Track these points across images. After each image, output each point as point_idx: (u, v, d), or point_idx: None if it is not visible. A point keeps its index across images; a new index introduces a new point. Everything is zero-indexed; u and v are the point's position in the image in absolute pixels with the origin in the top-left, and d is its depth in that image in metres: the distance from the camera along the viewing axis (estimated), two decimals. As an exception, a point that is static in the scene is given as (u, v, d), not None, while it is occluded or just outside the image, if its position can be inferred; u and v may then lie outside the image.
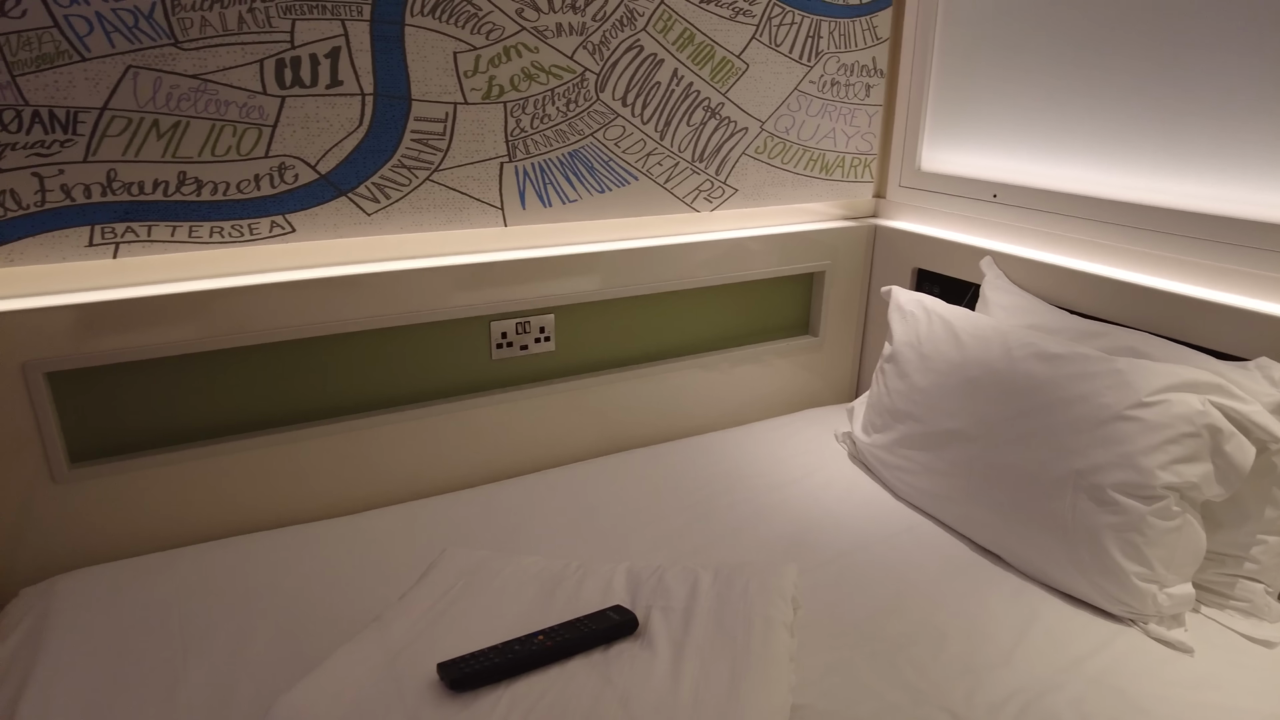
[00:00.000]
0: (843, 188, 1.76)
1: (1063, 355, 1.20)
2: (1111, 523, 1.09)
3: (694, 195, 1.58)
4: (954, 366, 1.32)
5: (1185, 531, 1.08)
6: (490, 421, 1.46)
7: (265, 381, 1.30)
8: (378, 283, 1.30)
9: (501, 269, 1.39)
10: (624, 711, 0.68)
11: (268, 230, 1.26)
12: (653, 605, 0.82)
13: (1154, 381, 1.09)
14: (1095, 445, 1.11)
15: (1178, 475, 1.06)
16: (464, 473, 1.47)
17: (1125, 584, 1.08)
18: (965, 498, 1.27)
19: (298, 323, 1.26)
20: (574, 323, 1.52)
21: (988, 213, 1.59)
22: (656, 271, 1.53)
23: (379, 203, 1.32)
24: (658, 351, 1.64)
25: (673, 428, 1.67)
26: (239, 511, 1.30)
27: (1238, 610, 1.12)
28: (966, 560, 1.24)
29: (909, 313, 1.47)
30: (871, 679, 0.99)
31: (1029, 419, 1.19)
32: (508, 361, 1.48)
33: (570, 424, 1.54)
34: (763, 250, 1.64)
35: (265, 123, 1.22)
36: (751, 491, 1.41)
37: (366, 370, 1.37)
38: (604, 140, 1.46)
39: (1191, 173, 1.29)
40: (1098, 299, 1.37)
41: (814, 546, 1.26)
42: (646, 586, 0.85)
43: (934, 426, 1.33)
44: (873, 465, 1.46)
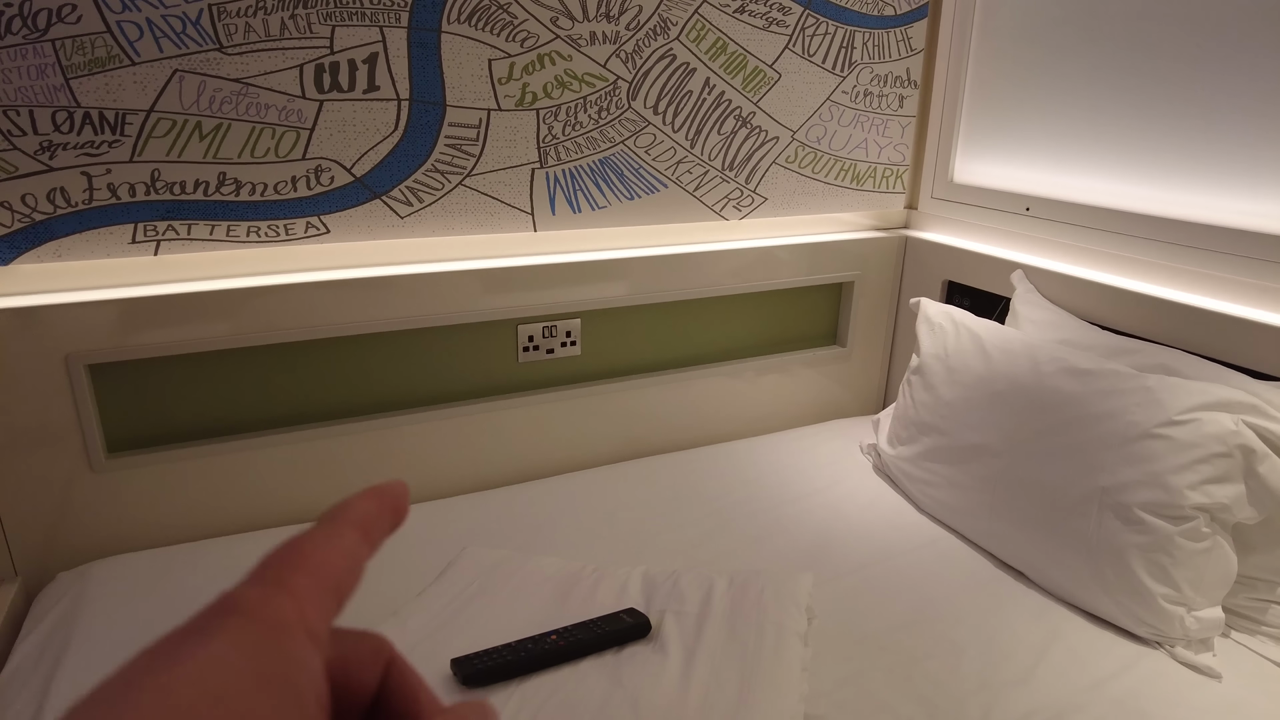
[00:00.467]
0: (874, 198, 1.75)
1: (1091, 371, 1.18)
2: (1138, 542, 1.07)
3: (723, 203, 1.59)
4: (981, 380, 1.31)
5: (1215, 554, 1.05)
6: (516, 423, 1.48)
7: (297, 378, 1.33)
8: (409, 284, 1.32)
9: (530, 273, 1.40)
10: (633, 713, 0.69)
11: (303, 231, 1.29)
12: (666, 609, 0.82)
13: (1184, 400, 1.07)
14: (1122, 463, 1.09)
15: (1208, 496, 1.03)
16: (489, 473, 1.48)
17: (1151, 605, 1.06)
18: (989, 513, 1.25)
19: (330, 322, 1.29)
20: (600, 328, 1.53)
21: (1020, 226, 1.58)
22: (684, 278, 1.54)
23: (412, 206, 1.34)
24: (683, 358, 1.65)
25: (696, 435, 1.67)
26: (269, 505, 1.33)
27: (1270, 636, 1.09)
28: (989, 576, 1.23)
29: (937, 325, 1.45)
30: (885, 692, 0.98)
31: (1055, 435, 1.18)
32: (534, 364, 1.50)
33: (594, 428, 1.55)
34: (791, 259, 1.64)
35: (303, 126, 1.25)
36: (773, 501, 1.41)
37: (396, 370, 1.39)
38: (634, 148, 1.47)
39: (1229, 187, 1.26)
40: (1131, 315, 1.34)
41: (833, 558, 1.25)
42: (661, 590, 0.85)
43: (959, 440, 1.31)
44: (897, 478, 1.45)
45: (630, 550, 1.25)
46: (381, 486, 0.24)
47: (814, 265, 1.67)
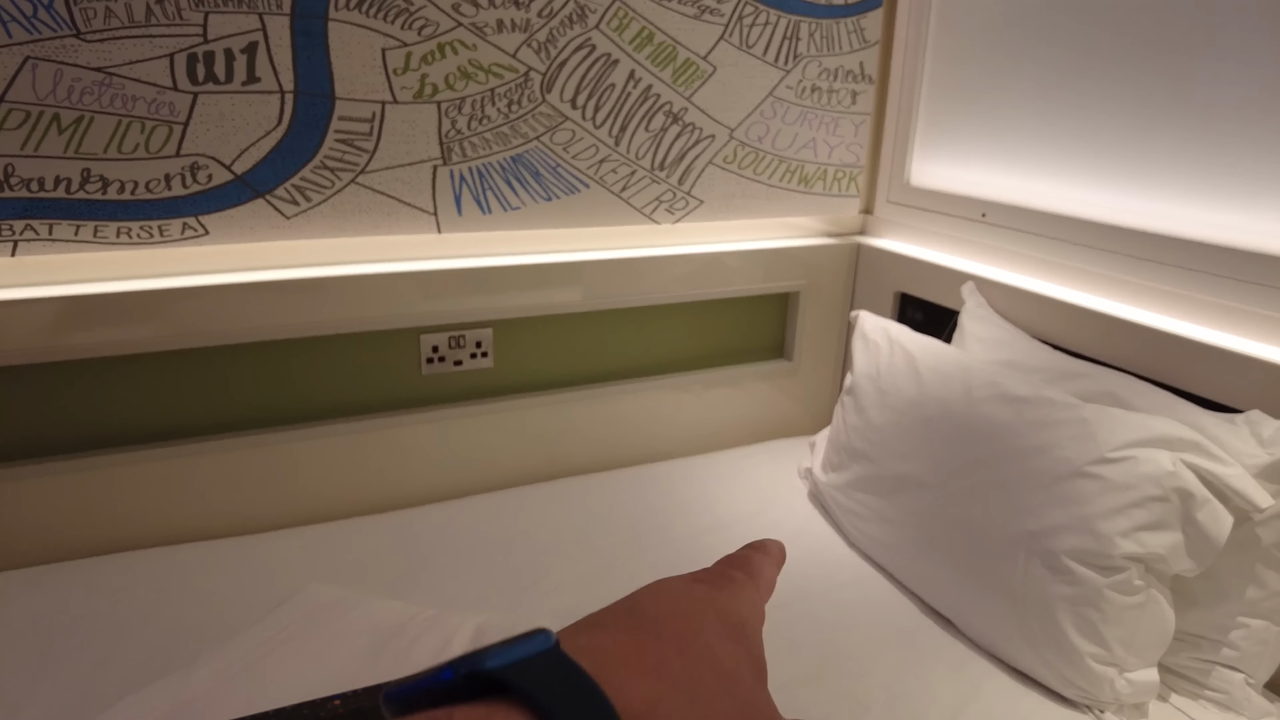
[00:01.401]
0: (825, 202, 1.63)
1: (1026, 399, 1.06)
2: (1066, 594, 0.95)
3: (653, 206, 1.48)
4: (911, 404, 1.19)
5: (1150, 609, 0.93)
6: (418, 441, 1.38)
7: (172, 390, 1.24)
8: (297, 289, 1.23)
9: (433, 278, 1.30)
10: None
11: (179, 232, 1.20)
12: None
13: (1120, 434, 0.95)
14: (1051, 504, 0.97)
15: (1140, 544, 0.91)
16: (386, 495, 1.38)
17: (1079, 665, 0.94)
18: (917, 551, 1.14)
19: (210, 329, 1.19)
20: (515, 339, 1.43)
21: (976, 233, 1.45)
22: (612, 286, 1.43)
23: (299, 205, 1.25)
24: (611, 372, 1.54)
25: (625, 455, 1.56)
26: (129, 526, 1.24)
27: (1213, 702, 0.97)
28: (912, 624, 1.11)
29: (872, 341, 1.34)
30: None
31: (984, 469, 1.06)
32: (440, 377, 1.39)
33: (506, 447, 1.45)
34: (734, 266, 1.52)
35: (176, 120, 1.15)
36: (690, 529, 1.30)
37: (283, 382, 1.30)
38: (551, 144, 1.37)
39: (1200, 197, 1.14)
40: (1084, 334, 1.22)
41: (742, 597, 1.14)
42: (488, 646, 0.75)
43: (888, 469, 1.20)
44: (829, 507, 1.34)
45: (519, 585, 1.15)
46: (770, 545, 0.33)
47: (757, 273, 1.55)
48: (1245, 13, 1.05)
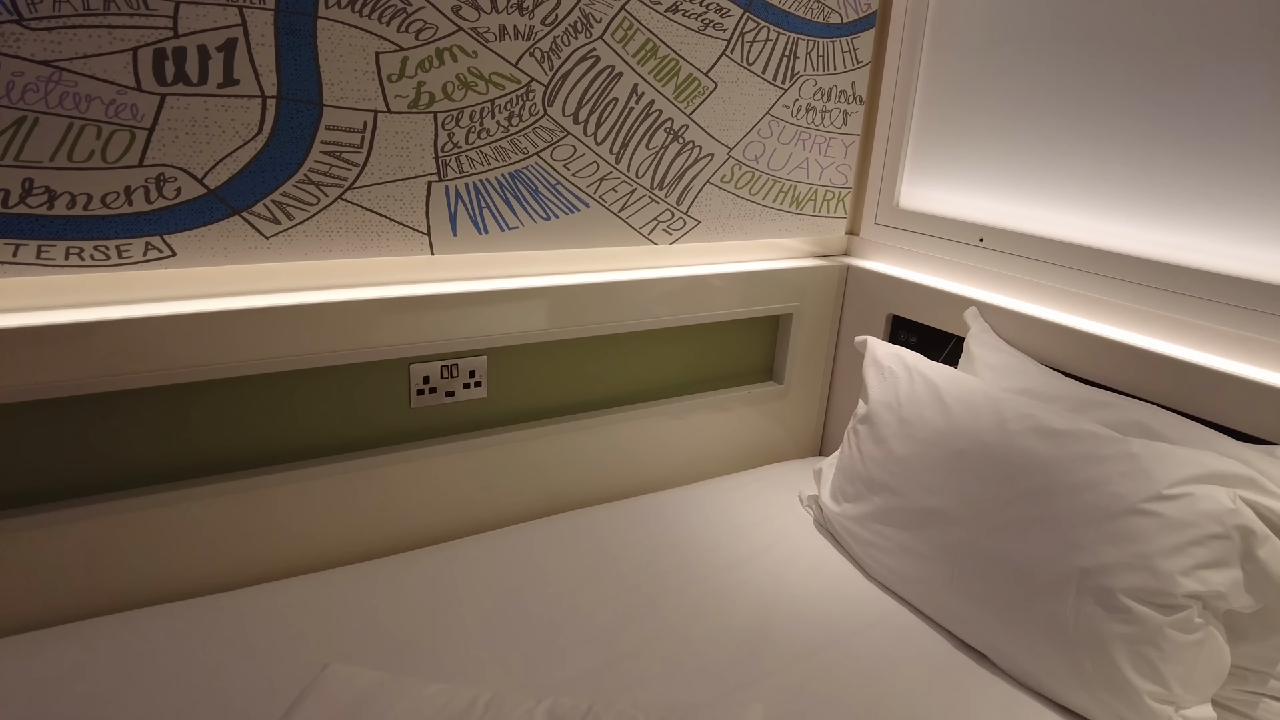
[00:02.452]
0: (814, 223, 1.60)
1: (1068, 432, 1.05)
2: (1123, 633, 0.93)
3: (652, 226, 1.41)
4: (939, 435, 1.17)
5: (1208, 646, 0.93)
6: (408, 480, 1.26)
7: (136, 433, 1.09)
8: (276, 317, 1.10)
9: (425, 304, 1.19)
10: None
11: (141, 253, 1.05)
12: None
13: (1175, 471, 0.95)
14: (1105, 541, 0.96)
15: (1202, 583, 0.91)
16: (375, 540, 1.26)
17: (1137, 704, 0.93)
18: (948, 587, 1.11)
19: (178, 364, 1.05)
20: (510, 366, 1.33)
21: (973, 258, 1.45)
22: (607, 310, 1.35)
23: (280, 224, 1.12)
24: (606, 399, 1.46)
25: (622, 485, 1.48)
26: (82, 593, 1.08)
27: (1259, 734, 0.98)
28: (949, 661, 1.08)
29: (887, 369, 1.31)
30: (847, 831, 0.81)
31: (1026, 504, 1.04)
32: (430, 410, 1.28)
33: (502, 482, 1.35)
34: (725, 289, 1.47)
35: (140, 125, 1.01)
36: (707, 569, 1.24)
37: (259, 421, 1.16)
38: (551, 161, 1.28)
39: (1207, 226, 1.16)
40: (1097, 362, 1.23)
41: (776, 642, 1.08)
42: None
43: (914, 502, 1.17)
44: (842, 538, 1.30)
45: (539, 642, 1.05)
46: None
47: (750, 295, 1.51)
48: (1244, 37, 1.07)
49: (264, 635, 1.02)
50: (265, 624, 1.05)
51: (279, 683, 0.94)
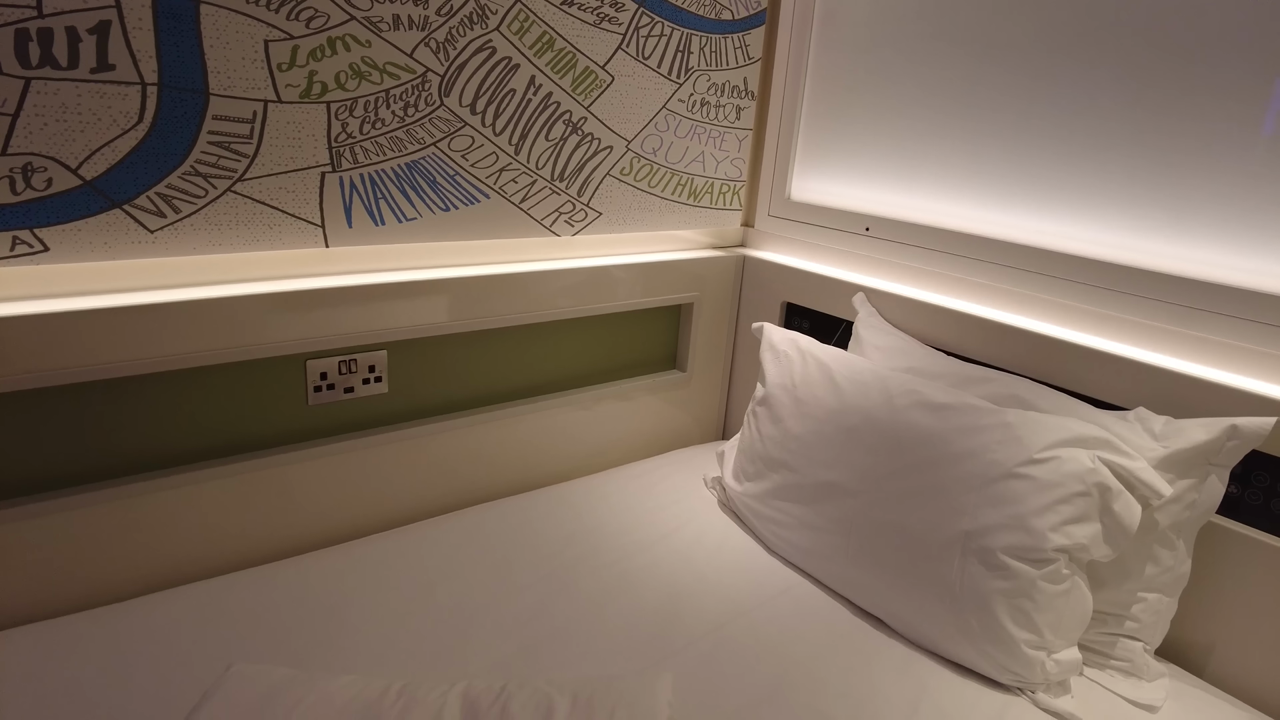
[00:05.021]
0: (711, 215, 1.65)
1: (950, 406, 1.12)
2: (1002, 588, 1.01)
3: (554, 218, 1.42)
4: (831, 413, 1.23)
5: (1074, 595, 1.02)
6: (307, 479, 1.23)
7: (14, 438, 1.02)
8: (162, 314, 1.05)
9: (320, 298, 1.17)
10: None
11: (8, 248, 0.99)
12: (497, 745, 0.65)
13: (1045, 437, 1.03)
14: (985, 505, 1.03)
15: (1068, 537, 0.99)
16: (277, 541, 1.23)
17: (1015, 653, 1.01)
18: (845, 557, 1.17)
19: (55, 365, 0.99)
20: (411, 361, 1.32)
21: (860, 246, 1.53)
22: (510, 302, 1.36)
23: (165, 218, 1.07)
24: (512, 391, 1.46)
25: (529, 477, 1.49)
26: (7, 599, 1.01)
27: (1118, 670, 1.07)
28: (848, 627, 1.14)
29: (782, 353, 1.36)
30: (757, 790, 0.85)
31: (914, 474, 1.10)
32: (329, 407, 1.26)
33: (406, 478, 1.33)
34: (627, 280, 1.50)
35: (1, 110, 0.95)
36: (617, 554, 1.26)
37: (148, 422, 1.11)
38: (449, 151, 1.27)
39: (1072, 214, 1.26)
40: (975, 341, 1.31)
41: (685, 620, 1.12)
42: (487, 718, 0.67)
43: (810, 478, 1.22)
44: (744, 516, 1.35)
45: (453, 634, 1.05)
46: None
47: (651, 286, 1.54)
48: (1099, 43, 1.17)
49: (162, 643, 0.98)
50: (163, 632, 1.01)
51: (181, 689, 0.90)
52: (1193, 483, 1.03)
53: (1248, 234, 1.08)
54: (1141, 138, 1.16)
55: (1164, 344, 1.15)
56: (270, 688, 0.71)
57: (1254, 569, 1.06)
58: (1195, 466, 1.03)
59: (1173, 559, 1.05)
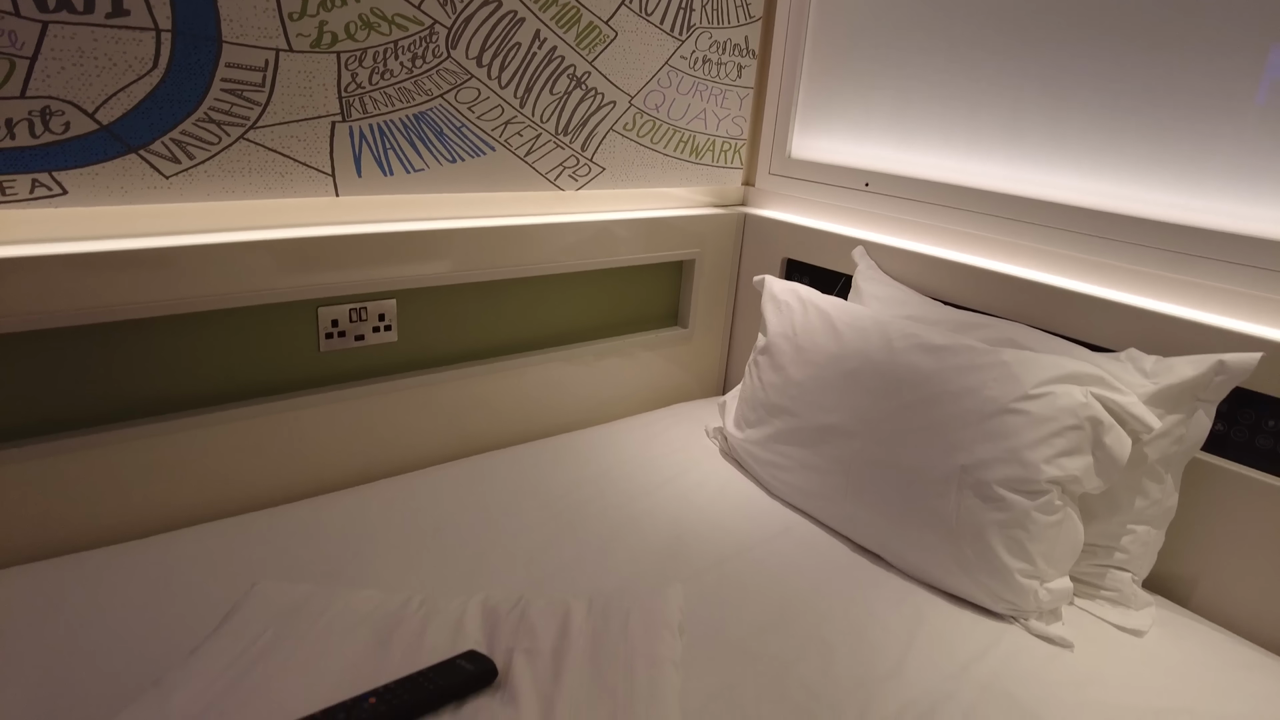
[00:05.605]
0: (712, 173, 1.67)
1: (947, 347, 1.15)
2: (997, 520, 1.05)
3: (558, 171, 1.44)
4: (831, 359, 1.26)
5: (1066, 526, 1.05)
6: (319, 424, 1.26)
7: (32, 378, 1.05)
8: (179, 258, 1.08)
9: (331, 245, 1.19)
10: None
11: (28, 190, 1.01)
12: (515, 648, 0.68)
13: (1039, 374, 1.06)
14: (981, 440, 1.07)
15: (1061, 469, 1.03)
16: (288, 484, 1.26)
17: (1009, 582, 1.05)
18: (844, 496, 1.20)
19: (75, 306, 1.02)
20: (420, 310, 1.34)
21: (860, 202, 1.55)
22: (514, 255, 1.38)
23: (180, 163, 1.09)
24: (516, 343, 1.49)
25: (534, 427, 1.52)
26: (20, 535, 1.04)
27: (1107, 600, 1.11)
28: (847, 562, 1.18)
29: (783, 303, 1.39)
30: (759, 705, 0.89)
31: (912, 413, 1.14)
32: (341, 354, 1.28)
33: (415, 425, 1.36)
34: (630, 236, 1.52)
35: (20, 53, 0.97)
36: (622, 496, 1.30)
37: (165, 365, 1.14)
38: (456, 103, 1.29)
39: (1062, 164, 1.28)
40: (971, 290, 1.34)
41: (690, 555, 1.15)
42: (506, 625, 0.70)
43: (810, 421, 1.26)
44: (746, 462, 1.38)
45: (464, 568, 1.08)
46: None
47: (653, 242, 1.56)
48: (1086, 7, 1.20)
49: (179, 578, 1.01)
50: (179, 567, 1.04)
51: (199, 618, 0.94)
52: (1180, 418, 1.07)
53: (1233, 179, 1.11)
54: (1130, 89, 1.18)
55: (1153, 288, 1.18)
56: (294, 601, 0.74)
57: (1238, 503, 1.10)
58: (1183, 402, 1.06)
59: (1160, 492, 1.09)
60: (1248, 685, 0.99)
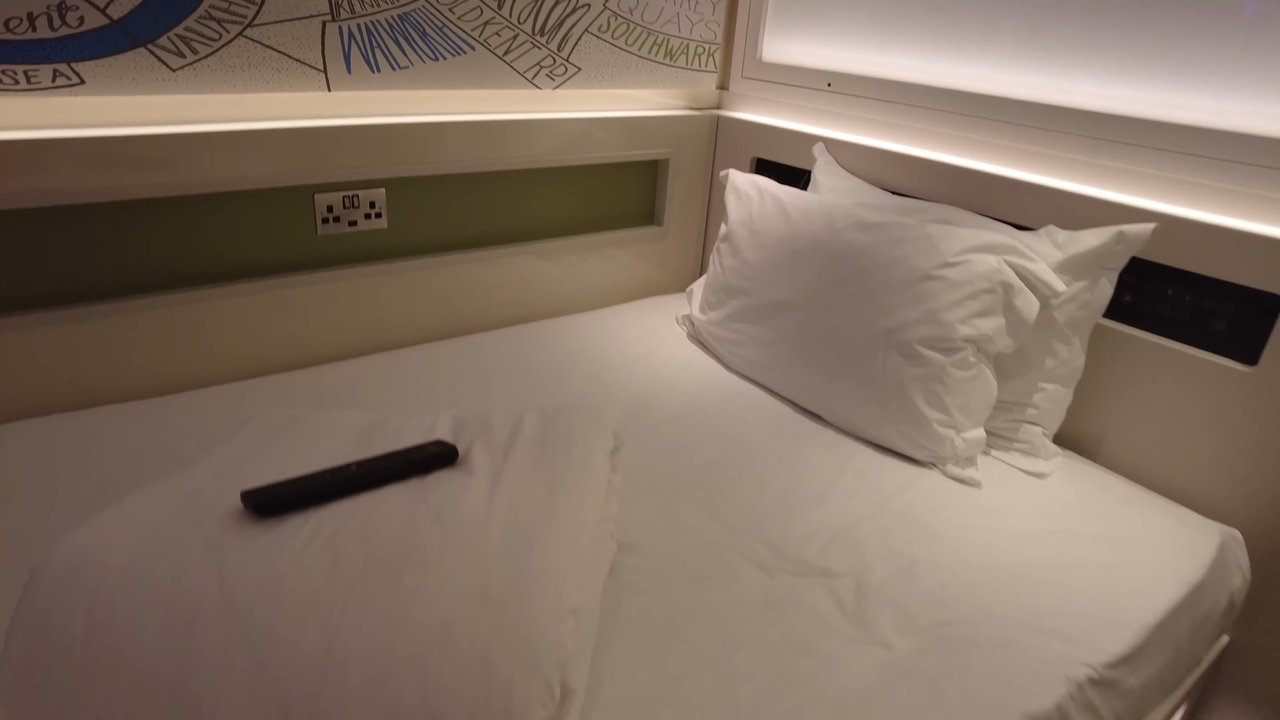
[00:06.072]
0: (686, 76, 1.76)
1: (881, 224, 1.27)
2: (917, 375, 1.17)
3: (535, 71, 1.54)
4: (781, 240, 1.37)
5: (980, 381, 1.18)
6: (319, 301, 1.40)
7: (54, 251, 1.19)
8: (187, 144, 1.20)
9: (325, 135, 1.31)
10: (438, 526, 0.68)
11: (50, 79, 1.13)
12: (475, 440, 0.82)
13: (958, 244, 1.18)
14: (905, 304, 1.19)
15: (975, 329, 1.15)
16: (290, 355, 1.40)
17: (928, 431, 1.18)
18: (789, 364, 1.33)
19: (96, 186, 1.15)
20: (408, 199, 1.47)
21: (822, 101, 1.64)
22: (498, 150, 1.49)
23: (185, 58, 1.21)
24: (500, 235, 1.61)
25: (515, 314, 1.65)
26: (35, 392, 1.20)
27: (1020, 451, 1.25)
28: (790, 420, 1.31)
29: (744, 193, 1.50)
30: (694, 519, 1.04)
31: (848, 285, 1.26)
32: (336, 238, 1.41)
33: (407, 306, 1.50)
34: (606, 136, 1.63)
35: (39, -48, 1.08)
36: (594, 369, 1.43)
37: (178, 242, 1.27)
38: (437, 5, 1.39)
39: (1002, 59, 1.37)
40: (916, 179, 1.45)
41: (650, 413, 1.30)
42: (470, 427, 0.85)
43: (762, 299, 1.38)
44: (708, 342, 1.51)
45: (447, 416, 1.23)
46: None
47: (630, 141, 1.67)
48: (1042, -102, 1.27)
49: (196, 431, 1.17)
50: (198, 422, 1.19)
51: (219, 449, 1.09)
52: (1086, 284, 1.18)
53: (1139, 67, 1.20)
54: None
55: (1071, 172, 1.28)
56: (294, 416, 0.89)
57: (1140, 366, 1.22)
58: (1088, 270, 1.18)
59: (1069, 353, 1.21)
60: (1126, 513, 1.13)
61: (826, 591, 0.95)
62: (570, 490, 0.75)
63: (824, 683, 0.82)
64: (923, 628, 0.91)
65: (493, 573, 0.64)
